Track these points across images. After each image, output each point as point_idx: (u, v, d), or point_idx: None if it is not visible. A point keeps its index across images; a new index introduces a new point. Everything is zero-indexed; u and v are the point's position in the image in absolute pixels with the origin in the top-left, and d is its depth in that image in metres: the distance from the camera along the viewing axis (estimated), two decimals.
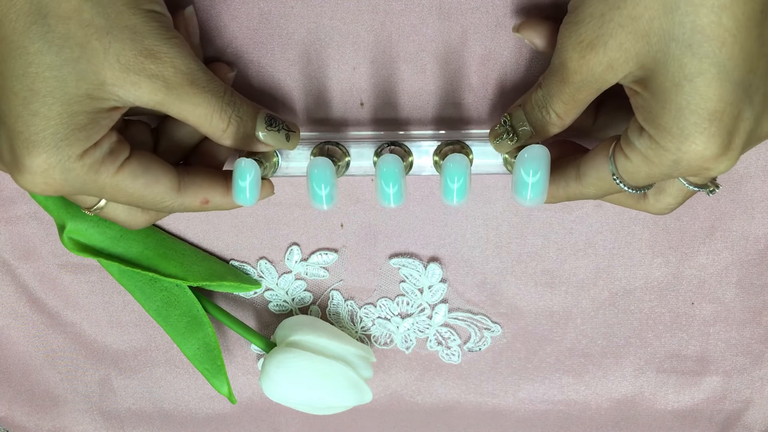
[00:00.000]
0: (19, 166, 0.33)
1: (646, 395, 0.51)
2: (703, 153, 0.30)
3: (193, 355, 0.48)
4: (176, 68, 0.33)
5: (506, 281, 0.48)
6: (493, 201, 0.46)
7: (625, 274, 0.48)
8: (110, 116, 0.34)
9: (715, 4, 0.28)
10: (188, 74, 0.34)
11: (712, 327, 0.49)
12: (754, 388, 0.51)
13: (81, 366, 0.52)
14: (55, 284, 0.50)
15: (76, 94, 0.32)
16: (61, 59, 0.31)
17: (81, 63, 0.32)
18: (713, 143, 0.30)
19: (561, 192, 0.38)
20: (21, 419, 0.54)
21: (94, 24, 0.31)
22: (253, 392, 0.53)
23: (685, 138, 0.30)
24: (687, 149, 0.30)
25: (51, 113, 0.32)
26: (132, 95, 0.33)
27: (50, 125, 0.32)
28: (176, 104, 0.34)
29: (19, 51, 0.31)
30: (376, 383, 0.52)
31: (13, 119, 0.32)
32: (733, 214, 0.46)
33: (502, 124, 0.37)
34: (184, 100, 0.34)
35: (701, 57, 0.29)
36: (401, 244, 0.48)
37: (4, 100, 0.32)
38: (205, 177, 0.39)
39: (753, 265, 0.47)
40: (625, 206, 0.39)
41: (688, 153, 0.30)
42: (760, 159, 0.44)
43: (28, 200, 0.47)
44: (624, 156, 0.33)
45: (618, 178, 0.34)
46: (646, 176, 0.33)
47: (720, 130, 0.30)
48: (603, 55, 0.31)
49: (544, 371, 0.51)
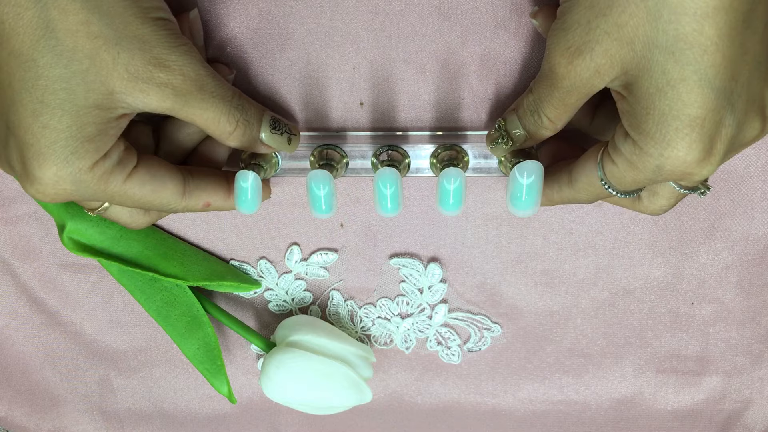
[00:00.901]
0: (30, 177, 0.34)
1: (646, 395, 0.51)
2: (684, 158, 0.31)
3: (193, 355, 0.48)
4: (185, 75, 0.34)
5: (506, 281, 0.48)
6: (492, 201, 0.46)
7: (625, 274, 0.48)
8: (118, 124, 0.34)
9: (698, 13, 0.28)
10: (197, 80, 0.34)
11: (712, 327, 0.49)
12: (754, 388, 0.51)
13: (81, 366, 0.52)
14: (55, 284, 0.50)
15: (85, 105, 0.32)
16: (70, 71, 0.32)
17: (90, 74, 0.32)
18: (695, 149, 0.31)
19: (555, 196, 0.39)
20: (21, 419, 0.54)
21: (102, 35, 0.32)
22: (253, 392, 0.53)
23: (667, 143, 0.31)
24: (669, 154, 0.31)
25: (61, 125, 0.32)
26: (141, 102, 0.33)
27: (60, 138, 0.32)
28: (185, 109, 0.34)
29: (28, 64, 0.31)
30: (376, 383, 0.52)
31: (23, 131, 0.33)
32: (733, 214, 0.46)
33: (497, 128, 0.38)
34: (193, 105, 0.34)
35: (683, 64, 0.29)
36: (401, 244, 0.48)
37: (14, 112, 0.32)
38: (208, 181, 0.40)
39: (753, 265, 0.47)
40: (622, 206, 0.39)
41: (670, 158, 0.31)
42: (760, 159, 0.44)
43: (28, 200, 0.47)
44: (611, 161, 0.34)
45: (606, 183, 0.35)
46: (632, 181, 0.33)
47: (701, 135, 0.30)
48: (590, 61, 0.31)
49: (544, 371, 0.51)
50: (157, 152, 0.40)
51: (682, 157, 0.31)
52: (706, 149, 0.31)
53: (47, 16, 0.31)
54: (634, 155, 0.32)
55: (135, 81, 0.33)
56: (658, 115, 0.30)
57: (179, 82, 0.34)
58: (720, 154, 0.31)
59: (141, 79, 0.33)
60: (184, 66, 0.34)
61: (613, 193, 0.35)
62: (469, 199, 0.46)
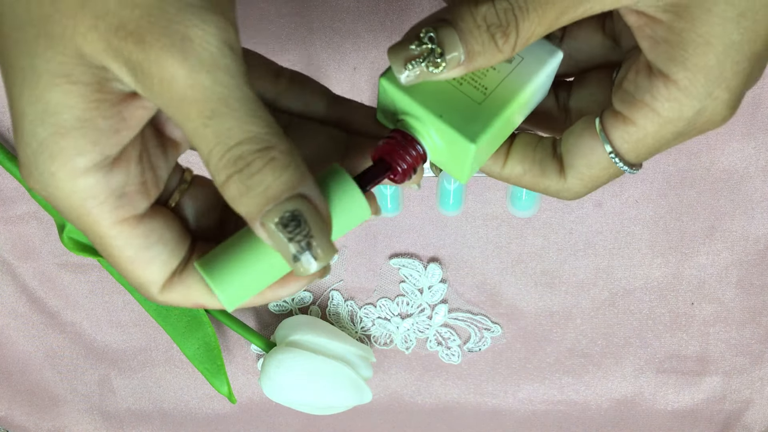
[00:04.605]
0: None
1: (646, 395, 0.51)
2: (729, 100, 0.26)
3: (193, 355, 0.48)
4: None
5: (506, 281, 0.48)
6: (492, 201, 0.46)
7: (625, 274, 0.48)
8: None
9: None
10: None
11: (712, 327, 0.49)
12: (754, 388, 0.51)
13: (81, 366, 0.52)
14: (54, 284, 0.50)
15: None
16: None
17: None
18: (740, 89, 0.26)
19: (542, 188, 0.31)
20: (20, 419, 0.54)
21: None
22: (253, 392, 0.53)
23: (723, 79, 0.25)
24: (719, 95, 0.25)
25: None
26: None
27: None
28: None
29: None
30: (376, 383, 0.52)
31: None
32: (733, 214, 0.46)
33: (423, 40, 0.25)
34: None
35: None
36: (401, 244, 0.48)
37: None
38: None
39: (753, 265, 0.47)
40: (538, 191, 0.31)
41: (718, 99, 0.25)
42: (760, 159, 0.44)
43: (28, 200, 0.47)
44: (623, 121, 0.27)
45: (616, 155, 0.28)
46: (654, 141, 0.27)
47: (751, 75, 0.26)
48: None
49: (544, 371, 0.51)
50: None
51: (727, 98, 0.25)
52: (743, 93, 0.26)
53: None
54: (668, 100, 0.26)
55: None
56: (725, 46, 0.24)
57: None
58: (739, 103, 0.27)
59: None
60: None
61: (623, 168, 0.28)
62: (468, 199, 0.46)
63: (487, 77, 0.28)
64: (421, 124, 0.27)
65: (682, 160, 0.45)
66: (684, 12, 0.24)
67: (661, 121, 0.26)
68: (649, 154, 0.28)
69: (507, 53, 0.25)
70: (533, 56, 0.28)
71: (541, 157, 0.30)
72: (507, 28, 0.25)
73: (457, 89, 0.27)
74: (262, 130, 0.22)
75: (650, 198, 0.46)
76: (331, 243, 0.23)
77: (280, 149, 0.22)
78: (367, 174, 0.26)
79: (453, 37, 0.25)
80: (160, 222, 0.25)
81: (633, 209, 0.46)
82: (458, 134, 0.27)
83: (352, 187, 0.25)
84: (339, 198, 0.25)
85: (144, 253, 0.24)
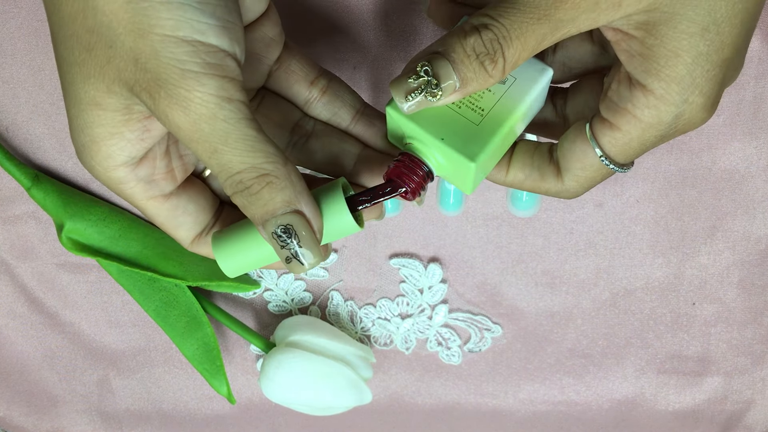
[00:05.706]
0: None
1: (647, 396, 0.51)
2: (704, 103, 0.28)
3: (192, 356, 0.47)
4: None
5: (506, 281, 0.48)
6: (492, 201, 0.46)
7: (626, 274, 0.48)
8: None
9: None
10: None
11: (714, 327, 0.49)
12: (756, 388, 0.51)
13: (79, 366, 0.52)
14: (53, 284, 0.50)
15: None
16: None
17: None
18: (714, 92, 0.28)
19: (542, 191, 0.34)
20: (19, 419, 0.54)
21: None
22: (253, 393, 0.53)
23: (695, 87, 0.28)
24: (694, 100, 0.28)
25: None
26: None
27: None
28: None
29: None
30: (376, 383, 0.52)
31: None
32: (735, 214, 0.46)
33: (417, 74, 0.28)
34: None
35: (735, 1, 0.26)
36: (401, 244, 0.47)
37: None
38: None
39: (754, 265, 0.47)
40: (539, 192, 0.34)
41: (693, 104, 0.28)
42: (761, 159, 0.44)
43: (26, 200, 0.47)
44: (610, 127, 0.29)
45: (606, 158, 0.30)
46: (639, 144, 0.29)
47: (723, 79, 0.28)
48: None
49: (545, 372, 0.51)
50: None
51: (703, 102, 0.28)
52: (719, 94, 0.28)
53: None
54: (647, 108, 0.28)
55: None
56: (693, 57, 0.27)
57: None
58: (717, 104, 0.29)
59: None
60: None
61: (615, 169, 0.31)
62: (469, 199, 0.46)
63: (483, 99, 0.31)
64: (425, 147, 0.30)
65: (683, 159, 0.45)
66: (653, 29, 0.27)
67: (643, 126, 0.29)
68: (636, 154, 0.30)
69: (497, 77, 0.28)
70: (525, 75, 0.31)
71: (539, 163, 0.33)
72: (494, 55, 0.27)
73: (457, 112, 0.30)
74: (259, 161, 0.27)
75: (651, 198, 0.46)
76: (319, 251, 0.29)
77: (275, 175, 0.27)
78: (367, 192, 0.30)
79: (447, 67, 0.28)
80: (186, 197, 0.31)
81: (634, 209, 0.46)
82: (459, 155, 0.30)
83: (342, 206, 0.29)
84: (331, 213, 0.29)
85: (172, 221, 0.31)
